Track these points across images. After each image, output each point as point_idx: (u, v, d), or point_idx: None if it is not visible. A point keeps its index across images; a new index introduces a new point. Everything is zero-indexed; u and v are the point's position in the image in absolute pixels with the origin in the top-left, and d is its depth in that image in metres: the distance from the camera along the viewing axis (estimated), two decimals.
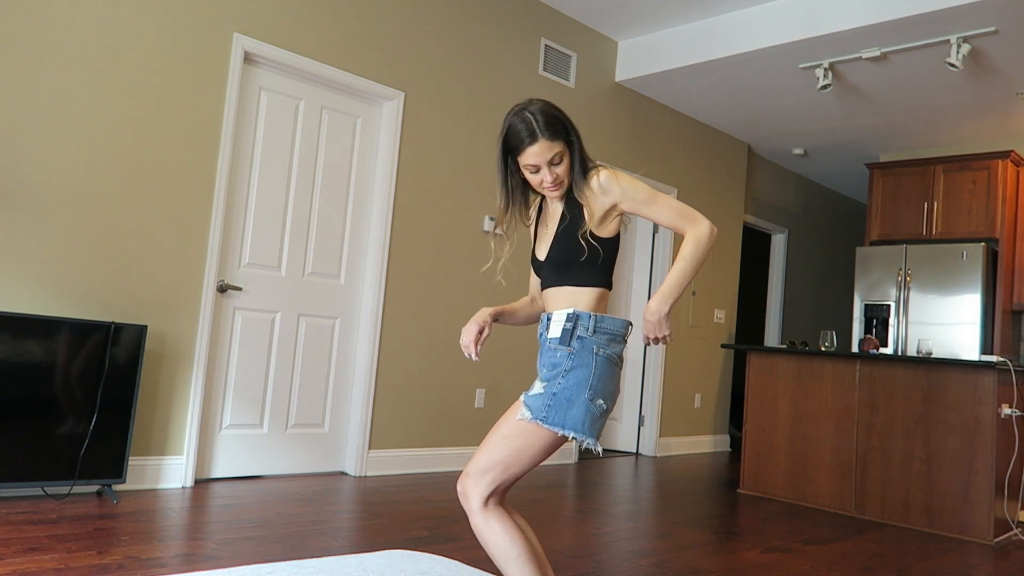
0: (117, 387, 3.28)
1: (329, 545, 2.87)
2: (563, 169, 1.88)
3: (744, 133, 6.93)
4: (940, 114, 6.02)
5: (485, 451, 1.88)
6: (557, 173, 1.87)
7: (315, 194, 4.21)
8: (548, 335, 1.88)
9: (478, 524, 1.87)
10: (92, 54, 3.36)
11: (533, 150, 1.85)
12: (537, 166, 1.86)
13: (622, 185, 1.90)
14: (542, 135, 1.84)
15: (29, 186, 3.20)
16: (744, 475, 4.79)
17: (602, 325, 1.87)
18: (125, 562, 2.46)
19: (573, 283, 1.90)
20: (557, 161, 1.87)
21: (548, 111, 1.88)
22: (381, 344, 4.38)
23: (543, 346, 1.92)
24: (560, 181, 1.89)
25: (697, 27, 5.31)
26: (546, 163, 1.86)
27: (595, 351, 1.83)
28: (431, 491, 4.03)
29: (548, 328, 1.89)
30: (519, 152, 1.87)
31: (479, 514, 1.87)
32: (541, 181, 1.88)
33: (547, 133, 1.85)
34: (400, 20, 4.46)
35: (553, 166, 1.87)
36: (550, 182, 1.87)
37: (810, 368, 4.58)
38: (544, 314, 1.95)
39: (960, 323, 5.98)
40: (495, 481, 1.85)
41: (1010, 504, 4.00)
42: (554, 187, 1.89)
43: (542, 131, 1.84)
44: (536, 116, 1.85)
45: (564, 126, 1.89)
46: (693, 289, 6.56)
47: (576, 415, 1.78)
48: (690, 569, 2.98)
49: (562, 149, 1.87)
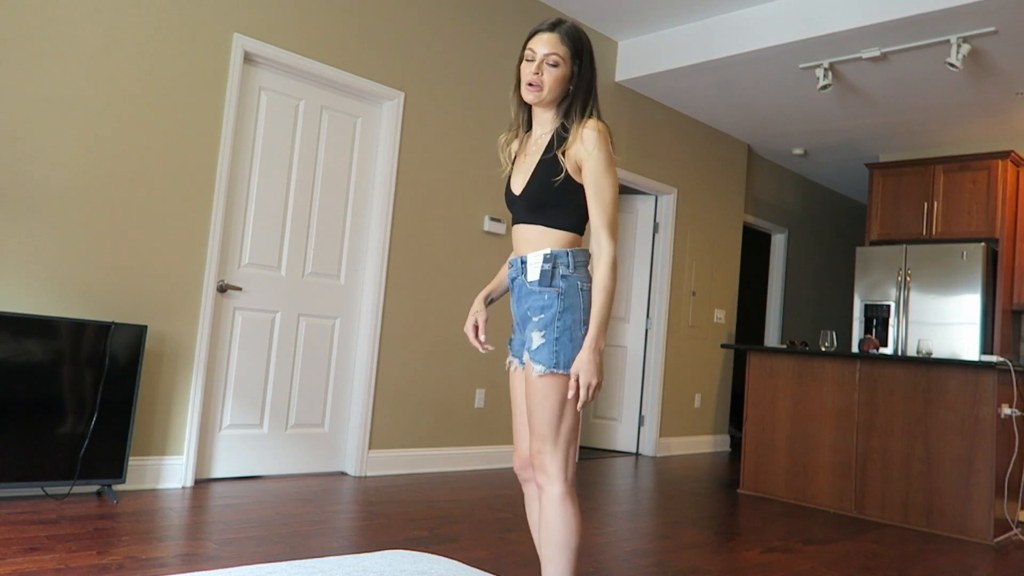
0: (117, 387, 3.28)
1: (329, 545, 2.87)
2: (554, 76, 1.86)
3: (744, 133, 6.93)
4: (940, 114, 6.02)
5: (534, 421, 1.82)
6: (546, 74, 1.85)
7: (315, 194, 4.21)
8: (527, 279, 1.85)
9: (555, 501, 1.79)
10: (92, 54, 3.36)
11: (541, 37, 1.86)
12: (534, 53, 1.86)
13: (599, 151, 1.83)
14: (556, 31, 1.86)
15: (29, 186, 3.20)
16: (744, 475, 4.79)
17: (580, 259, 1.85)
18: (125, 562, 2.46)
19: (546, 223, 1.86)
20: (552, 63, 1.85)
21: (576, 27, 1.91)
22: (381, 344, 4.38)
23: (519, 290, 1.89)
24: (542, 85, 1.86)
25: (697, 27, 5.31)
26: (542, 55, 1.85)
27: (580, 287, 1.83)
28: (431, 491, 4.03)
29: (525, 272, 1.86)
30: (530, 37, 1.89)
31: (562, 486, 1.80)
32: (527, 73, 1.87)
33: (562, 35, 1.86)
34: (400, 20, 4.46)
35: (548, 65, 1.85)
36: (533, 73, 1.85)
37: (810, 368, 4.58)
38: (516, 258, 1.90)
39: (960, 323, 5.98)
40: (561, 442, 1.81)
41: (1010, 504, 4.00)
42: (535, 86, 1.86)
43: (560, 29, 1.87)
44: (563, 21, 1.90)
45: (582, 47, 1.88)
46: (693, 289, 6.56)
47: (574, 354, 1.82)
48: (690, 569, 2.98)
49: (565, 56, 1.85)
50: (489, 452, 4.87)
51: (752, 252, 8.32)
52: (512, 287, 1.93)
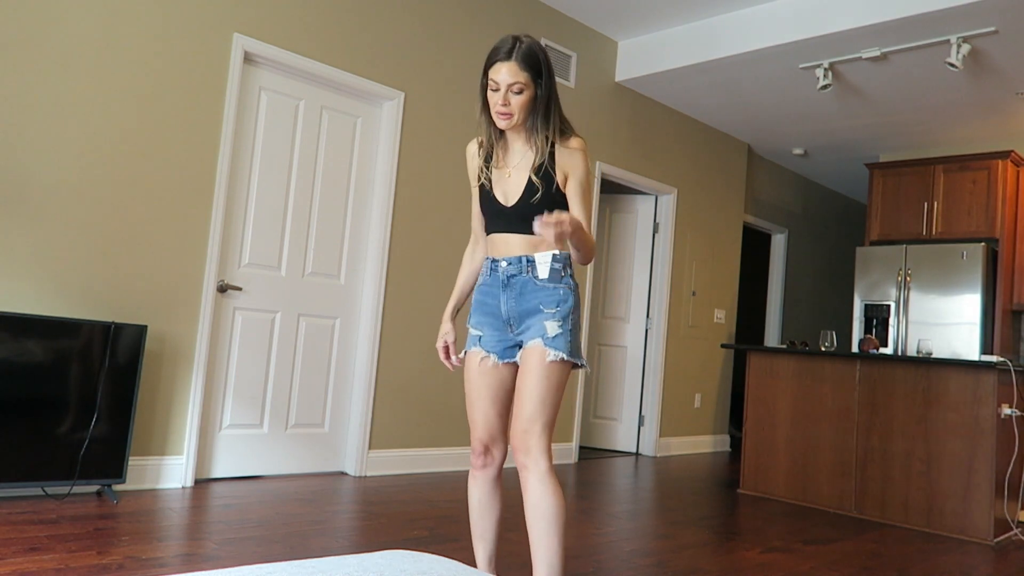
0: (117, 387, 3.28)
1: (329, 545, 2.87)
2: (520, 103, 1.94)
3: (744, 133, 6.93)
4: (940, 114, 6.02)
5: (533, 401, 1.93)
6: (512, 102, 1.93)
7: (315, 194, 4.21)
8: (537, 275, 1.98)
9: (543, 477, 1.92)
10: (92, 54, 3.36)
11: (500, 67, 1.92)
12: (498, 85, 1.93)
13: (584, 166, 2.01)
14: (514, 58, 1.91)
15: (29, 186, 3.20)
16: (744, 475, 4.79)
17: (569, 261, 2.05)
18: (125, 562, 2.46)
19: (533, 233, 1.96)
20: (517, 91, 1.93)
21: (533, 46, 1.95)
22: (381, 344, 4.37)
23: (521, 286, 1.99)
24: (511, 113, 1.94)
25: (697, 27, 5.31)
26: (506, 86, 1.92)
27: (575, 286, 2.04)
28: (431, 491, 4.03)
29: (534, 269, 1.99)
30: (489, 67, 1.95)
31: (546, 466, 1.93)
32: (495, 103, 1.95)
33: (520, 60, 1.92)
34: (400, 20, 4.46)
35: (512, 94, 1.93)
36: (500, 104, 1.93)
37: (810, 368, 4.58)
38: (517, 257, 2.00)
39: (960, 323, 5.98)
40: (549, 425, 1.95)
41: (1010, 504, 4.00)
42: (504, 115, 1.95)
43: (516, 55, 1.92)
44: (520, 43, 1.94)
45: (541, 66, 1.95)
46: (693, 289, 6.56)
47: (578, 345, 2.01)
48: (690, 569, 2.98)
49: (527, 81, 1.93)
50: None
51: (752, 252, 8.32)
52: (507, 284, 2.02)
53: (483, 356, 2.08)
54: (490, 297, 2.07)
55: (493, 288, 2.06)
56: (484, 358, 2.08)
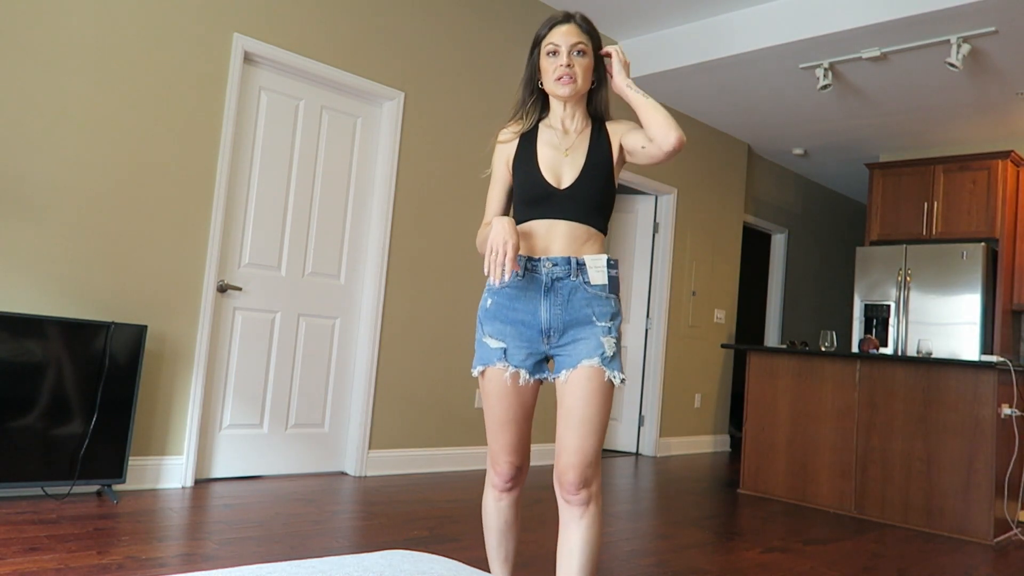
0: (117, 387, 3.28)
1: (329, 545, 2.87)
2: (584, 66, 1.78)
3: (744, 133, 6.93)
4: (940, 114, 6.02)
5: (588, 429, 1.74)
6: (576, 64, 1.76)
7: (315, 194, 4.21)
8: (591, 281, 1.76)
9: (596, 514, 1.75)
10: (91, 54, 3.36)
11: (561, 29, 1.77)
12: (558, 47, 1.76)
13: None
14: (573, 21, 1.79)
15: (29, 186, 3.20)
16: (744, 475, 4.79)
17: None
18: (125, 562, 2.46)
19: (593, 225, 1.79)
20: (579, 51, 1.77)
21: (586, 17, 1.84)
22: (381, 344, 4.38)
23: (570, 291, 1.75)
24: (575, 76, 1.76)
25: (697, 27, 5.31)
26: (568, 46, 1.76)
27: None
28: (431, 491, 4.03)
29: (585, 274, 1.76)
30: (545, 35, 1.79)
31: (597, 502, 1.76)
32: (556, 67, 1.76)
33: (582, 24, 1.79)
34: (400, 20, 4.46)
35: (576, 55, 1.77)
36: (564, 65, 1.75)
37: (810, 368, 4.58)
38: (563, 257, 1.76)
39: (960, 323, 5.98)
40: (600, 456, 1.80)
41: (1010, 504, 4.00)
42: (568, 78, 1.76)
43: (575, 20, 1.80)
44: (572, 13, 1.83)
45: (597, 36, 1.84)
46: (693, 289, 6.56)
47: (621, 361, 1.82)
48: (690, 569, 2.98)
49: (587, 45, 1.79)
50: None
51: (752, 252, 8.32)
52: (551, 289, 1.76)
53: (511, 371, 1.79)
54: (521, 302, 1.78)
55: (528, 292, 1.77)
56: (512, 373, 1.79)
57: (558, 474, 1.75)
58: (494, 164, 1.94)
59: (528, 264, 1.77)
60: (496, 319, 1.80)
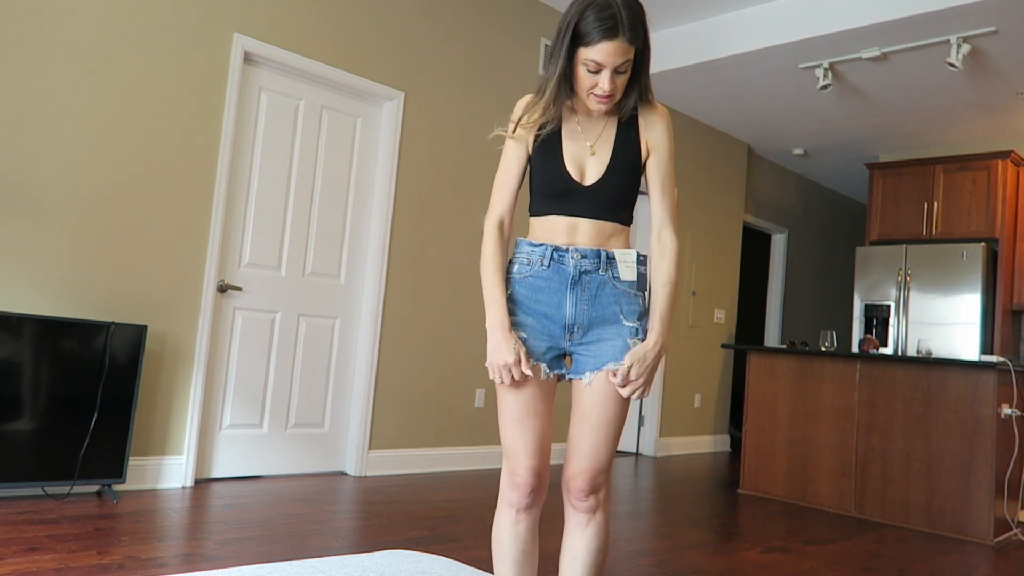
0: (117, 387, 3.28)
1: (329, 545, 2.87)
2: (623, 82, 1.61)
3: (744, 133, 6.93)
4: (940, 114, 6.02)
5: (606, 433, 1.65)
6: (617, 83, 1.59)
7: (315, 194, 4.21)
8: (621, 276, 1.65)
9: (602, 521, 1.70)
10: (92, 54, 3.36)
11: (607, 47, 1.54)
12: (601, 66, 1.56)
13: (670, 138, 1.71)
14: (623, 34, 1.54)
15: (29, 186, 3.20)
16: (744, 475, 4.79)
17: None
18: (125, 562, 2.46)
19: (617, 221, 1.68)
20: (623, 69, 1.59)
21: (634, 5, 1.57)
22: (381, 344, 4.38)
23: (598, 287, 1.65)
24: (614, 95, 1.61)
25: (697, 27, 5.31)
26: (612, 67, 1.56)
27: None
28: (431, 491, 4.03)
29: (615, 268, 1.65)
30: (588, 43, 1.55)
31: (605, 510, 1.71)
32: (595, 85, 1.59)
33: (629, 33, 1.54)
34: (400, 20, 4.46)
35: (617, 73, 1.58)
36: (606, 90, 1.58)
37: (810, 368, 4.58)
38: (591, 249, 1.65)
39: (960, 323, 5.98)
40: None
41: (1010, 504, 4.00)
42: (606, 99, 1.61)
43: (625, 29, 1.54)
44: (621, 8, 1.54)
45: (645, 29, 1.59)
46: (693, 289, 6.56)
47: None
48: (690, 569, 2.98)
49: (632, 58, 1.59)
50: (489, 452, 4.87)
51: (752, 252, 8.32)
52: (577, 282, 1.64)
53: (532, 364, 1.65)
54: (544, 294, 1.65)
55: (552, 283, 1.65)
56: (534, 366, 1.65)
57: (567, 478, 1.68)
58: (510, 145, 1.73)
59: (555, 255, 1.65)
60: (518, 310, 1.68)
